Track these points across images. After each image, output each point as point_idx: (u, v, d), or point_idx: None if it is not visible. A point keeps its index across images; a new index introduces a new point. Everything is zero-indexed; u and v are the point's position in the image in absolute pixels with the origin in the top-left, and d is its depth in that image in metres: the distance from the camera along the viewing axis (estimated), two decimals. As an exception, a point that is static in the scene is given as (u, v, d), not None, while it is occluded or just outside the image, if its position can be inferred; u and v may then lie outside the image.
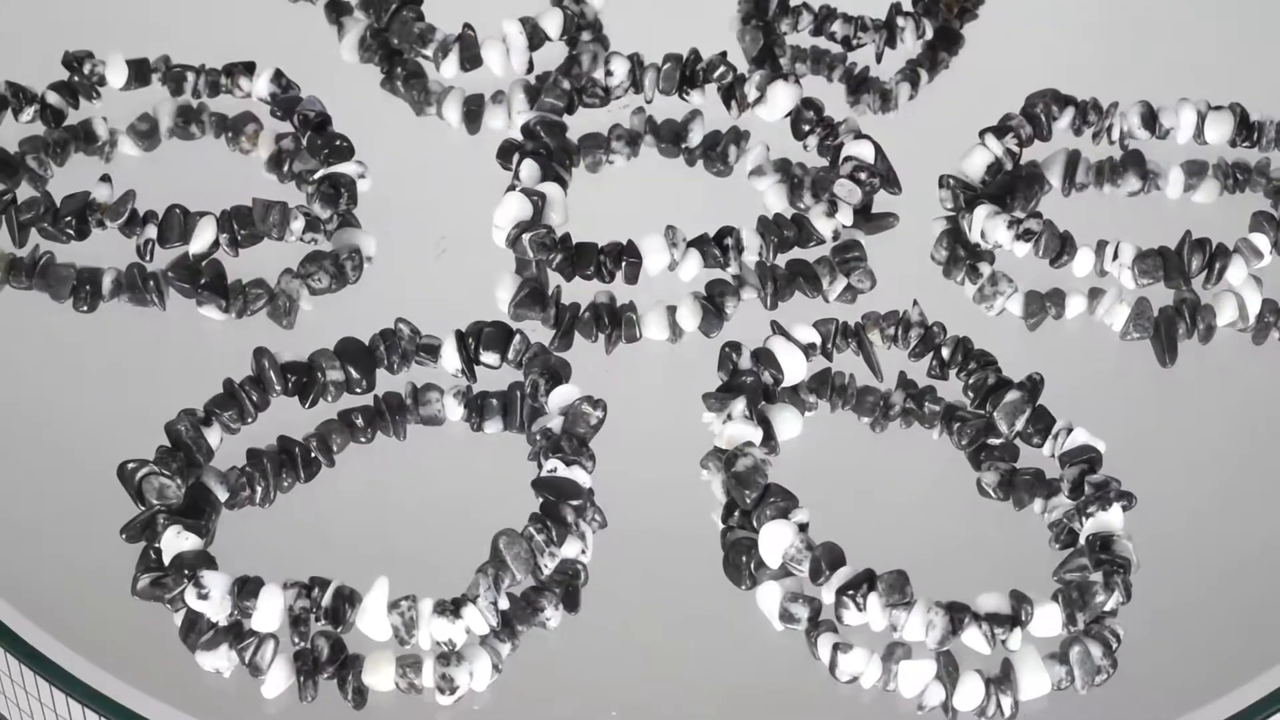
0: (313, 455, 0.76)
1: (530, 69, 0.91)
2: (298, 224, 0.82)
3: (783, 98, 0.87)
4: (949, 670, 0.69)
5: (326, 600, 0.69)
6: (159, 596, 0.70)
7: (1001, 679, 0.69)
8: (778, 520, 0.71)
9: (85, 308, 0.83)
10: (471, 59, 0.91)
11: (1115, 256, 0.81)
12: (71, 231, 0.83)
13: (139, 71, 0.90)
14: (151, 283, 0.82)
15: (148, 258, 0.83)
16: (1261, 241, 0.81)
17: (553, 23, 0.91)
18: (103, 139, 0.89)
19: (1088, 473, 0.73)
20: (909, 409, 0.78)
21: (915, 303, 0.79)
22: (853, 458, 0.79)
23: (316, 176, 0.84)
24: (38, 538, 0.76)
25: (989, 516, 0.77)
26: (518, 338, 0.77)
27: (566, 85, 0.88)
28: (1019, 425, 0.75)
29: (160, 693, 0.71)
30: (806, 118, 0.87)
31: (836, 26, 0.92)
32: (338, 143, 0.85)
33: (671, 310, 0.82)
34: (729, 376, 0.76)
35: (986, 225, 0.82)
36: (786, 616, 0.71)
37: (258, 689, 0.69)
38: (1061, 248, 0.82)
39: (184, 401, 0.78)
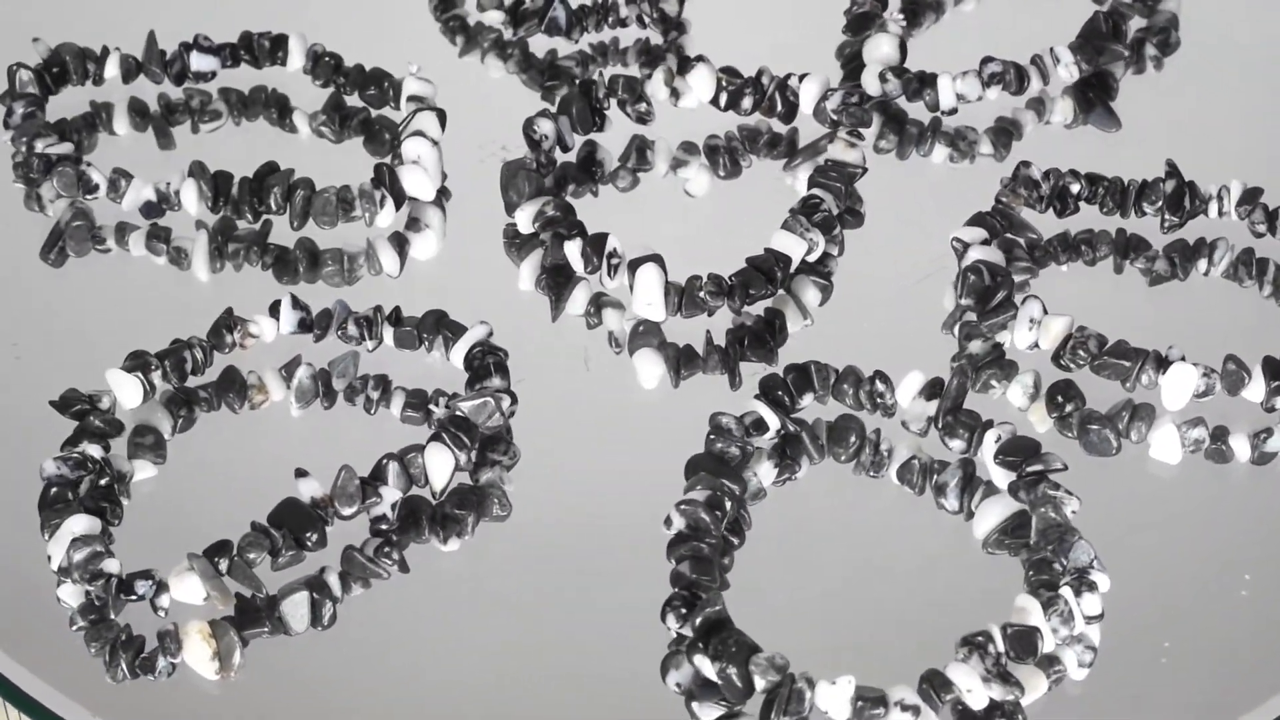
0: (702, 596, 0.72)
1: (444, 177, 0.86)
2: (505, 402, 0.76)
3: (705, 78, 0.88)
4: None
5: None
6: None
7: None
8: (1178, 364, 0.77)
9: (323, 625, 0.72)
10: (398, 194, 0.84)
11: (1056, 61, 0.90)
12: (314, 540, 0.72)
13: (145, 379, 0.76)
14: (387, 548, 0.73)
15: (390, 524, 0.73)
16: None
17: (433, 126, 0.86)
18: (127, 474, 0.75)
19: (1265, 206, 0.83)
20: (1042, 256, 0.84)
21: (1029, 163, 0.84)
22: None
23: (465, 354, 0.77)
24: None
25: (1145, 310, 0.85)
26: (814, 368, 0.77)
27: (533, 166, 0.84)
28: (1187, 205, 0.84)
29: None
30: (728, 86, 0.88)
31: (626, 11, 0.93)
32: (437, 319, 0.78)
33: (796, 298, 0.82)
34: (979, 299, 0.79)
35: (960, 87, 0.88)
36: (1193, 445, 0.77)
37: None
38: (1021, 75, 0.89)
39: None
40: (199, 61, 0.90)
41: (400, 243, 0.84)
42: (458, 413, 0.74)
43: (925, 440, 0.77)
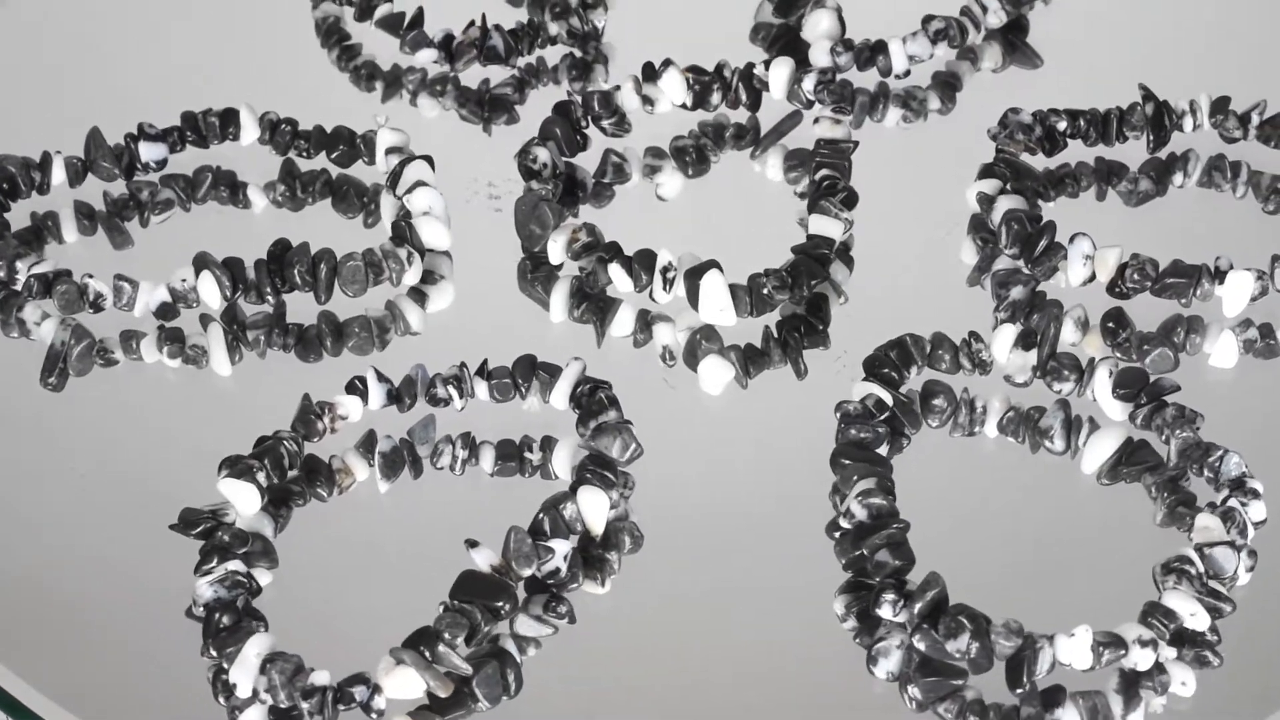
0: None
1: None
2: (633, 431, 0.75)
3: (675, 81, 0.88)
4: None
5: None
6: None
7: None
8: (1233, 272, 0.80)
9: (511, 695, 0.70)
10: (419, 249, 0.82)
11: (984, 11, 0.92)
12: (507, 608, 0.70)
13: (255, 482, 0.73)
14: (553, 603, 0.71)
15: (563, 577, 0.71)
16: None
17: (429, 174, 0.84)
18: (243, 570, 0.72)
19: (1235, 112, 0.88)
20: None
21: (1018, 109, 0.86)
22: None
23: (570, 393, 0.75)
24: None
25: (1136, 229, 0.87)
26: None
27: (548, 197, 0.82)
28: (1168, 124, 0.87)
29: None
30: (694, 85, 0.88)
31: (555, 29, 0.92)
32: (530, 364, 0.76)
33: (830, 278, 0.83)
34: (1025, 246, 0.81)
35: (911, 49, 0.90)
36: (1243, 345, 0.81)
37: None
38: (962, 28, 0.91)
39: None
40: (148, 151, 0.85)
41: (420, 298, 0.81)
42: (591, 452, 0.72)
43: (1017, 390, 0.78)
